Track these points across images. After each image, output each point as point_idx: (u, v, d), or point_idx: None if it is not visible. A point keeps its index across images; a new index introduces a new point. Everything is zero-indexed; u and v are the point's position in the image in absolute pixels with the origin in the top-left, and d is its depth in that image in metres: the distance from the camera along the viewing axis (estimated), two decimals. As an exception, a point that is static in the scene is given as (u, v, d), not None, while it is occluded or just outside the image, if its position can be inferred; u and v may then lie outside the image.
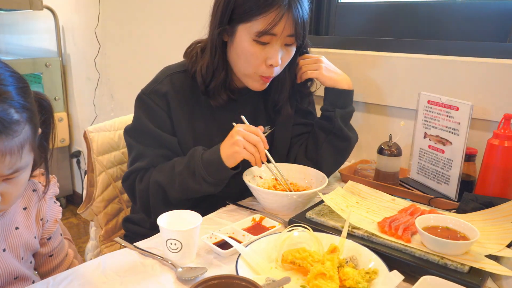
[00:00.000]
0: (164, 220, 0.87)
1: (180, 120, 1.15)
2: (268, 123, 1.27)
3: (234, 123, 1.08)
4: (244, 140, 1.02)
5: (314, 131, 1.26)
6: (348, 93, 1.23)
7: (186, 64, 1.17)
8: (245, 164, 1.08)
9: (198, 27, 1.15)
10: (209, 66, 1.11)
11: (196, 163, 1.05)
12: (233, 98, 1.16)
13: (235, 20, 1.05)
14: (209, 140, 1.15)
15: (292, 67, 1.20)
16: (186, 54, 1.19)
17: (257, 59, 1.07)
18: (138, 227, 1.24)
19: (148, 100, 1.13)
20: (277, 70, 1.12)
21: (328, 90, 1.23)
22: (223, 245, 0.89)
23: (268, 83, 1.15)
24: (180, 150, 1.15)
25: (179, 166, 1.08)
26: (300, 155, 1.28)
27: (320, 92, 1.28)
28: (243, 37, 1.05)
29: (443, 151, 1.15)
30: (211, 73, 1.12)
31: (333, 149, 1.23)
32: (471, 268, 0.78)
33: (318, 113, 1.30)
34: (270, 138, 1.26)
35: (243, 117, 1.11)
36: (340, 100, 1.22)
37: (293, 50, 1.12)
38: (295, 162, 1.26)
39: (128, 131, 1.17)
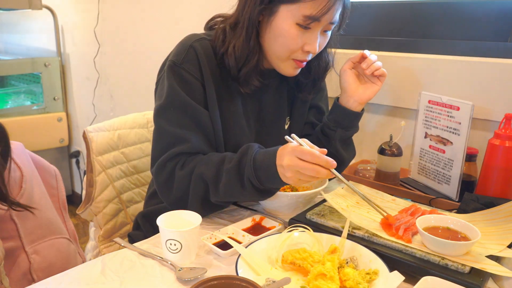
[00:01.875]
0: (164, 220, 0.87)
1: (211, 92, 1.05)
2: (288, 113, 1.22)
3: (286, 137, 0.91)
4: (297, 176, 0.87)
5: (313, 140, 1.22)
6: (358, 115, 1.15)
7: (214, 38, 1.07)
8: None
9: (199, 27, 1.15)
10: (244, 48, 1.01)
11: (246, 163, 0.93)
12: (264, 83, 1.08)
13: None
14: (233, 122, 1.08)
15: (320, 54, 1.13)
16: (208, 28, 1.11)
17: (296, 43, 1.00)
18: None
19: (182, 72, 1.02)
20: (311, 56, 1.06)
21: (337, 106, 1.15)
22: (223, 245, 0.89)
23: (300, 69, 1.08)
24: (211, 127, 1.05)
25: (229, 163, 0.96)
26: None
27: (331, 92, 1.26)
28: (285, 18, 0.97)
29: (444, 151, 1.14)
30: (245, 55, 1.02)
31: None
32: (472, 268, 0.78)
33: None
34: (288, 132, 1.22)
35: (289, 138, 0.91)
36: (346, 120, 1.15)
37: (329, 36, 1.06)
38: None
39: (160, 111, 1.03)
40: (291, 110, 1.23)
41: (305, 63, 1.06)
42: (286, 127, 1.22)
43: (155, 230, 1.00)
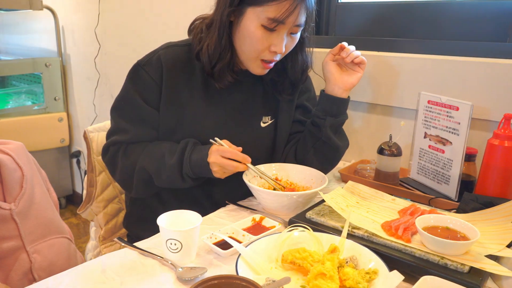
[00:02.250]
0: (164, 220, 0.87)
1: (170, 94, 1.13)
2: (268, 113, 1.25)
3: (211, 140, 1.10)
4: (221, 170, 1.06)
5: (304, 135, 1.24)
6: (344, 102, 1.19)
7: (191, 40, 1.15)
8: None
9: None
10: (216, 46, 1.08)
11: (184, 162, 1.08)
12: (238, 79, 1.14)
13: (245, 1, 1.02)
14: (203, 120, 1.15)
15: (295, 55, 1.17)
16: (190, 31, 1.17)
17: (262, 44, 1.05)
18: (140, 228, 1.24)
19: (141, 72, 1.12)
20: (279, 57, 1.10)
21: (324, 96, 1.20)
22: (223, 245, 0.89)
23: (268, 70, 1.13)
24: (157, 124, 1.16)
25: (170, 159, 1.09)
26: (290, 155, 1.27)
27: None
28: (251, 20, 1.03)
29: (443, 151, 1.15)
30: (217, 54, 1.09)
31: (320, 156, 1.21)
32: (471, 268, 0.78)
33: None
34: (272, 130, 1.25)
35: (213, 140, 1.10)
36: (334, 107, 1.18)
37: (297, 38, 1.10)
38: (285, 161, 1.26)
39: (115, 103, 1.18)
40: (277, 109, 1.25)
41: (272, 64, 1.11)
42: (264, 125, 1.23)
43: (141, 229, 1.17)
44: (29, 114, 2.90)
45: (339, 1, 1.61)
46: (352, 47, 1.17)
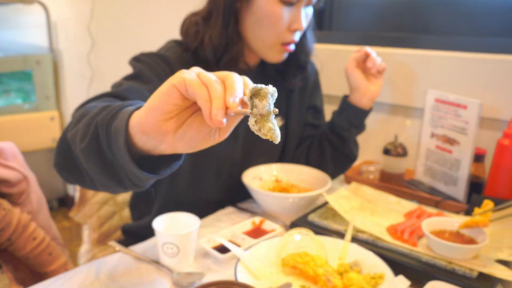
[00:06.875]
0: (160, 223, 0.85)
1: None
2: (279, 113, 1.22)
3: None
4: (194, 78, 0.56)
5: (322, 142, 1.21)
6: (367, 114, 1.17)
7: (184, 39, 1.05)
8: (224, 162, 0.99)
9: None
10: (222, 36, 0.99)
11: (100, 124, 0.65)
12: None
13: None
14: None
15: (304, 34, 1.10)
16: (183, 31, 1.07)
17: (282, 23, 0.98)
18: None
19: (146, 59, 0.99)
20: (298, 36, 1.04)
21: (350, 106, 1.15)
22: (222, 249, 0.88)
23: (287, 54, 1.07)
24: None
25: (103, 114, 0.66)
26: (301, 160, 1.24)
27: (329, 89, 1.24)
28: None
29: (450, 152, 1.13)
30: (223, 44, 1.00)
31: (336, 164, 1.21)
32: (480, 273, 0.77)
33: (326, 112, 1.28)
34: (283, 132, 1.21)
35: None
36: (359, 119, 1.16)
37: (311, 13, 1.05)
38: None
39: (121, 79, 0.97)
40: (287, 112, 1.22)
41: (293, 46, 1.04)
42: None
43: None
44: (20, 113, 2.84)
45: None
46: (374, 53, 1.13)
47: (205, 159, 1.08)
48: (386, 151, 1.21)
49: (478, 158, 1.14)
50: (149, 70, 0.96)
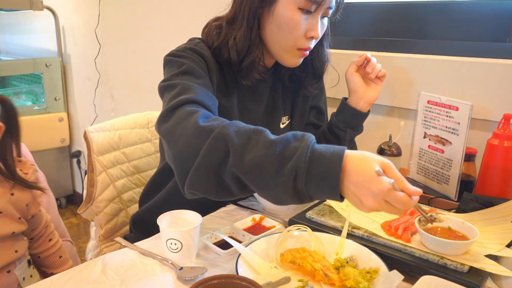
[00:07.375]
0: (164, 220, 0.87)
1: (212, 80, 1.03)
2: (286, 112, 1.24)
3: (376, 169, 0.67)
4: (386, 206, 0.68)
5: (320, 141, 1.20)
6: (365, 116, 1.20)
7: (206, 39, 1.07)
8: None
9: (200, 27, 1.15)
10: (246, 39, 1.02)
11: (300, 148, 0.72)
12: (263, 77, 1.09)
13: None
14: (227, 117, 0.97)
15: (321, 44, 1.14)
16: (205, 31, 1.09)
17: (300, 29, 1.00)
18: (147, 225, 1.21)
19: (187, 54, 1.00)
20: (313, 44, 1.07)
21: (347, 107, 1.19)
22: (223, 245, 0.89)
23: (303, 59, 1.09)
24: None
25: (271, 148, 0.72)
26: None
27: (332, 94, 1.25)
28: (287, 5, 0.99)
29: (443, 151, 1.15)
30: (246, 47, 1.03)
31: None
32: (471, 268, 0.78)
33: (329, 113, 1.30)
34: (287, 130, 1.22)
35: (380, 171, 0.68)
36: (355, 121, 1.20)
37: (326, 23, 1.08)
38: None
39: (167, 78, 0.96)
40: (292, 110, 1.24)
41: (308, 51, 1.07)
42: (283, 126, 1.22)
43: (145, 232, 1.02)
44: (30, 114, 2.90)
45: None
46: (375, 59, 1.17)
47: None
48: (381, 151, 1.22)
49: (469, 157, 1.15)
50: (196, 65, 0.99)
